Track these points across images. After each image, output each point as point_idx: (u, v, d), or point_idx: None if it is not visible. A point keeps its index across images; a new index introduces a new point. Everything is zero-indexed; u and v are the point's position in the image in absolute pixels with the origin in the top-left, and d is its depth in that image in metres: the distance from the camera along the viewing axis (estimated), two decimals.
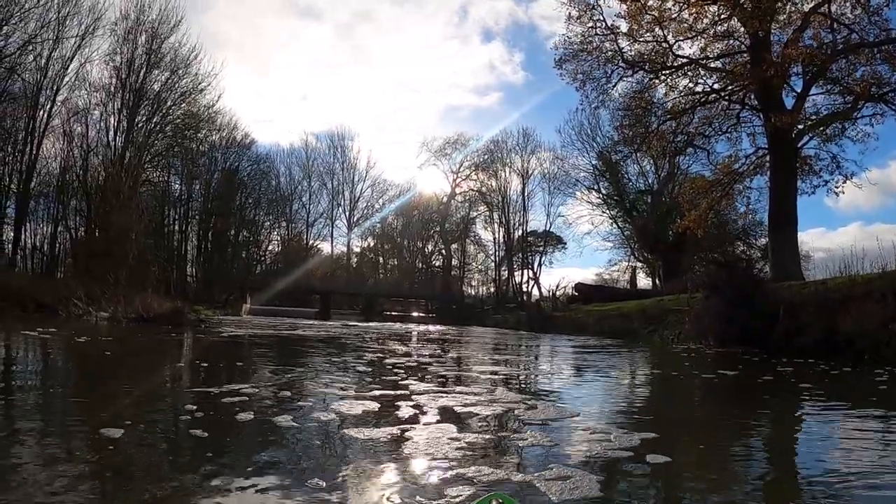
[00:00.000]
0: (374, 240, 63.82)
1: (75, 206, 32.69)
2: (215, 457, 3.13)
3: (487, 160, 55.81)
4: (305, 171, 57.93)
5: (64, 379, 6.85)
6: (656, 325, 20.22)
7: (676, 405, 6.27)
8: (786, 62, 19.61)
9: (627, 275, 48.37)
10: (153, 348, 10.84)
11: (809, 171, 21.99)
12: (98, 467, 2.88)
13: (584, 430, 4.23)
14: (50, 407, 4.67)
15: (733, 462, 3.80)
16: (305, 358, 9.63)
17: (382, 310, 54.79)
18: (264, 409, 4.60)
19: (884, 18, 19.44)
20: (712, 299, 16.28)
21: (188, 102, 34.83)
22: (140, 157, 31.79)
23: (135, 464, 3.01)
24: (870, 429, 4.97)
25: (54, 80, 29.52)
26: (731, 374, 9.14)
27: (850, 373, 9.24)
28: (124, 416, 3.90)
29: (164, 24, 32.06)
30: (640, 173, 44.98)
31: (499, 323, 37.08)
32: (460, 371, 8.70)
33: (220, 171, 47.54)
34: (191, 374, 7.01)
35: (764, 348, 13.08)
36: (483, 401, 5.31)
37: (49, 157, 32.06)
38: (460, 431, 3.94)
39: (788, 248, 20.86)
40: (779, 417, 5.75)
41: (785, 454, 4.14)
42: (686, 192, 26.19)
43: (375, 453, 3.33)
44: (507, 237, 55.69)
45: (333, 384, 6.19)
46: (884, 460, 3.74)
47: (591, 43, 23.63)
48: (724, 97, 22.86)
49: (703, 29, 22.22)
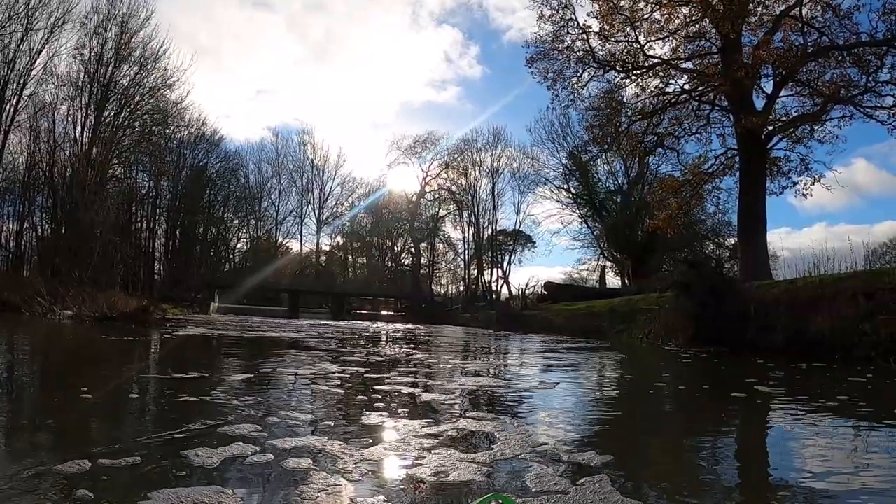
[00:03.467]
0: (344, 238, 63.56)
1: (41, 202, 31.93)
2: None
3: (457, 158, 55.83)
4: (275, 168, 57.43)
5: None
6: (626, 325, 20.18)
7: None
8: (756, 64, 19.77)
9: (597, 274, 48.70)
10: (101, 354, 10.41)
11: (778, 173, 22.24)
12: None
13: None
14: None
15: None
16: (269, 366, 9.23)
17: (352, 308, 54.46)
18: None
19: (854, 22, 19.70)
20: (682, 299, 16.28)
21: (157, 98, 34.18)
22: (107, 153, 31.09)
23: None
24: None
25: (21, 73, 28.73)
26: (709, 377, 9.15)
27: (829, 372, 9.20)
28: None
29: (134, 19, 31.52)
30: (609, 173, 45.35)
31: (468, 322, 36.96)
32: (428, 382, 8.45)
33: (189, 168, 46.83)
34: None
35: (734, 347, 13.07)
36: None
37: (14, 152, 31.28)
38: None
39: (757, 248, 21.00)
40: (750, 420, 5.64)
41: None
42: (656, 192, 26.33)
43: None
44: (476, 236, 55.77)
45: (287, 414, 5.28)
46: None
47: (563, 42, 23.64)
48: (694, 98, 22.97)
49: (674, 30, 22.34)
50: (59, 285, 21.04)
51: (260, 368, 7.64)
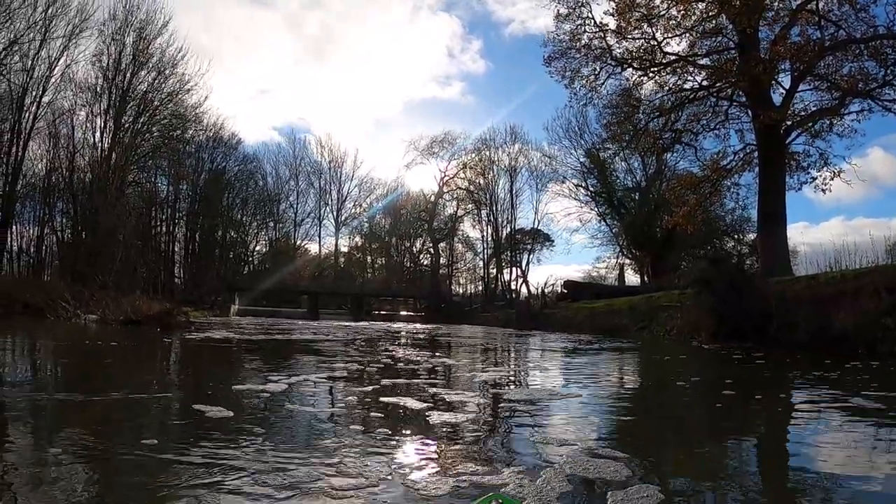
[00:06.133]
0: (362, 239, 63.79)
1: (61, 207, 32.47)
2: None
3: (475, 158, 55.86)
4: (292, 171, 57.84)
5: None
6: (647, 322, 20.23)
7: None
8: (774, 59, 19.74)
9: (615, 272, 48.59)
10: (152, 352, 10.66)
11: (797, 168, 22.16)
12: None
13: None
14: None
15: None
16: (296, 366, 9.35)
17: (371, 309, 54.67)
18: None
19: (871, 14, 19.67)
20: (704, 295, 16.32)
21: (175, 103, 34.66)
22: (127, 158, 31.57)
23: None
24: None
25: (40, 80, 29.26)
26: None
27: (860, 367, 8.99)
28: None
29: (151, 25, 31.97)
30: (627, 170, 45.29)
31: (488, 321, 36.98)
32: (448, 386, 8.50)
33: (207, 172, 47.30)
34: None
35: (758, 343, 13.11)
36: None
37: (35, 158, 31.86)
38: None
39: (778, 243, 20.97)
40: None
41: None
42: (674, 188, 26.26)
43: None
44: (495, 235, 55.74)
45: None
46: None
47: (580, 40, 23.74)
48: (712, 94, 22.96)
49: (691, 26, 22.34)
50: (83, 289, 21.39)
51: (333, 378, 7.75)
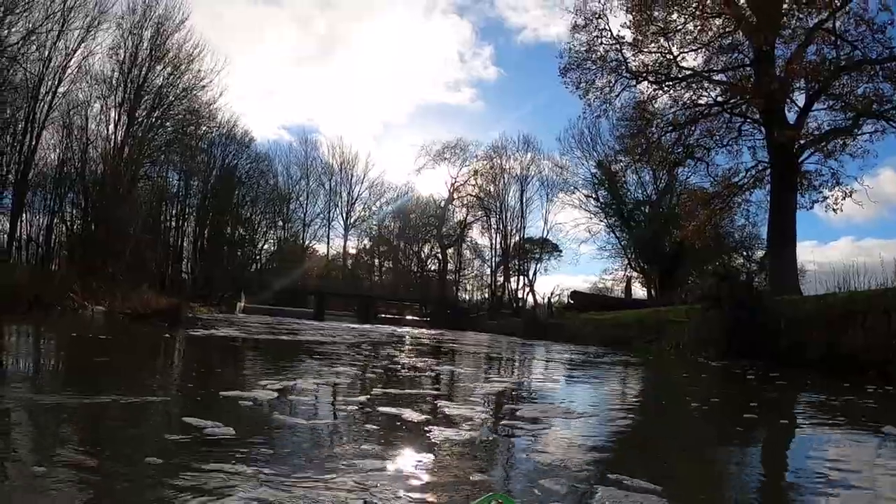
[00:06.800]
0: (371, 242, 63.73)
1: (72, 198, 32.56)
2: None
3: (486, 165, 55.87)
4: (303, 171, 57.92)
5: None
6: (654, 336, 20.19)
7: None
8: (790, 77, 19.71)
9: (622, 284, 48.41)
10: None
11: (809, 187, 22.03)
12: None
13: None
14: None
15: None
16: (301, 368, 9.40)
17: (377, 312, 54.66)
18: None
19: (887, 36, 19.60)
20: (713, 311, 16.31)
21: (189, 99, 34.76)
22: (139, 152, 31.71)
23: None
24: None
25: (56, 71, 29.36)
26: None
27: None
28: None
29: (170, 21, 32.14)
30: (638, 183, 45.08)
31: (493, 329, 37.03)
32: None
33: (219, 169, 47.38)
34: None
35: (766, 362, 13.07)
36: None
37: (48, 148, 31.95)
38: None
39: (787, 262, 20.89)
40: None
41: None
42: (686, 203, 26.24)
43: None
44: (503, 243, 55.62)
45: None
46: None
47: (596, 52, 23.76)
48: (726, 110, 22.90)
49: (707, 41, 22.34)
50: (93, 281, 21.42)
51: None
